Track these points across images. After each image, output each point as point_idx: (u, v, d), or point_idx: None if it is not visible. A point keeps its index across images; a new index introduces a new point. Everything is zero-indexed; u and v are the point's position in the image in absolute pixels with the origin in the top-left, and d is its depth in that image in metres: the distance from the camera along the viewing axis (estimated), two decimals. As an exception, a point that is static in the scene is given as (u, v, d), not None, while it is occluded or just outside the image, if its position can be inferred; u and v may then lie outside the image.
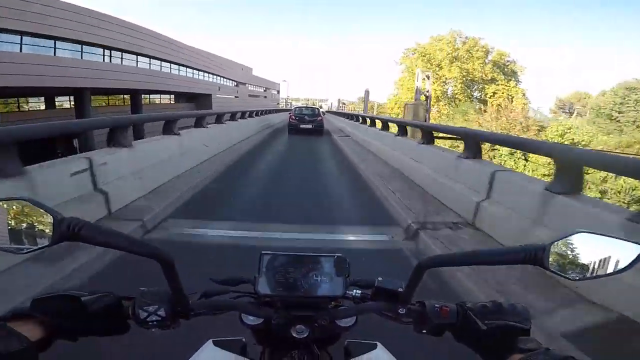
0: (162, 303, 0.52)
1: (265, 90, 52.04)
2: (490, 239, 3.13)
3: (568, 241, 0.47)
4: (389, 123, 9.06)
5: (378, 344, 0.67)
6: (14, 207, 0.44)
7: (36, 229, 0.45)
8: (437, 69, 33.12)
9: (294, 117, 14.38)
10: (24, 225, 0.45)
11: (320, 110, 16.56)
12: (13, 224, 0.44)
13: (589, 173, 12.07)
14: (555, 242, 0.46)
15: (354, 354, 0.66)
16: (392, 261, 2.86)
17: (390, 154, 7.17)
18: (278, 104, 59.33)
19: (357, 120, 13.76)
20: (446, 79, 34.61)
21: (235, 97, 36.38)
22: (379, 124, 10.15)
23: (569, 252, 0.47)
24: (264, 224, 3.55)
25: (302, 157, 8.94)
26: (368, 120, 11.51)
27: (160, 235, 3.16)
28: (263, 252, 0.59)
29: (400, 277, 0.61)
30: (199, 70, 28.73)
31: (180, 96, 27.38)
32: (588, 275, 0.47)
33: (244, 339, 0.67)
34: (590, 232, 0.46)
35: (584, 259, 0.47)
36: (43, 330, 0.45)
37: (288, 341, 0.59)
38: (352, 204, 4.66)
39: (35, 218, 0.45)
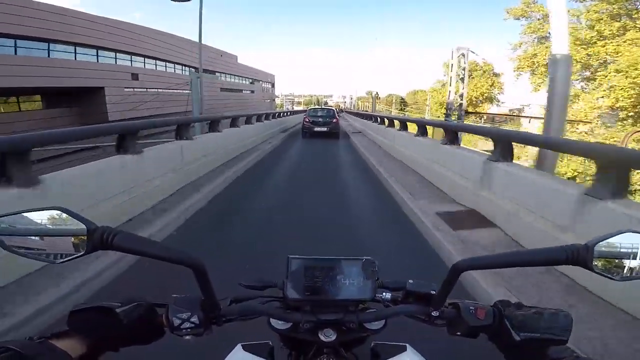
0: (194, 310, 0.52)
1: (251, 83, 40.75)
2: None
3: (613, 241, 0.45)
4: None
5: (407, 345, 0.66)
6: (49, 216, 0.44)
7: (70, 239, 0.44)
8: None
9: (308, 120, 13.87)
10: (58, 234, 0.44)
11: (336, 112, 15.78)
12: (47, 233, 0.44)
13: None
14: (600, 242, 0.45)
15: (382, 356, 0.65)
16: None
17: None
18: (273, 100, 50.10)
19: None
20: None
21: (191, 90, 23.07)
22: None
23: (613, 252, 0.45)
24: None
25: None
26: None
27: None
28: (290, 256, 0.59)
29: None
30: (112, 50, 18.55)
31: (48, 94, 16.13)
32: (634, 274, 0.45)
33: (270, 342, 0.67)
34: (637, 232, 0.45)
35: (629, 258, 0.45)
36: (84, 345, 0.45)
37: (315, 344, 0.58)
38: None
39: (69, 228, 0.44)
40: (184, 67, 26.98)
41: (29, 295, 1.97)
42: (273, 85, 52.78)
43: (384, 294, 0.61)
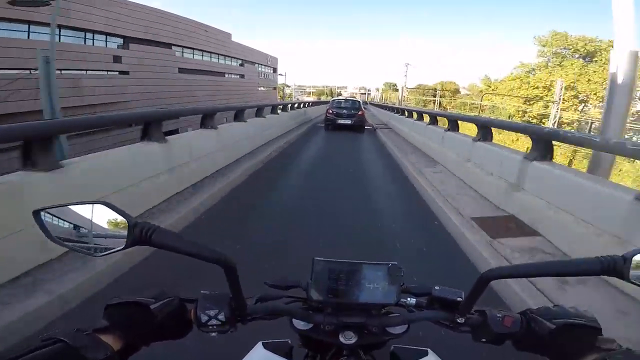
0: (222, 307, 0.53)
1: (241, 65, 31.28)
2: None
3: (652, 253, 0.44)
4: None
5: (429, 350, 0.66)
6: (92, 210, 0.46)
7: (111, 233, 0.46)
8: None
9: (331, 111, 13.14)
10: (100, 228, 0.46)
11: (361, 103, 14.67)
12: (90, 226, 0.46)
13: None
14: (638, 253, 0.44)
15: None
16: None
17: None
18: (281, 90, 43.52)
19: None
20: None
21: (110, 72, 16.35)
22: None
23: (652, 264, 0.44)
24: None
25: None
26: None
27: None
28: (316, 258, 0.59)
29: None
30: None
31: None
32: (673, 288, 0.44)
33: (289, 341, 0.67)
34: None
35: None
36: (122, 340, 0.47)
37: (335, 346, 0.59)
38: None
39: (111, 221, 0.46)
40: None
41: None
42: (275, 71, 41.48)
43: (408, 299, 0.61)
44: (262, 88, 37.47)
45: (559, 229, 2.96)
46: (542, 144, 3.60)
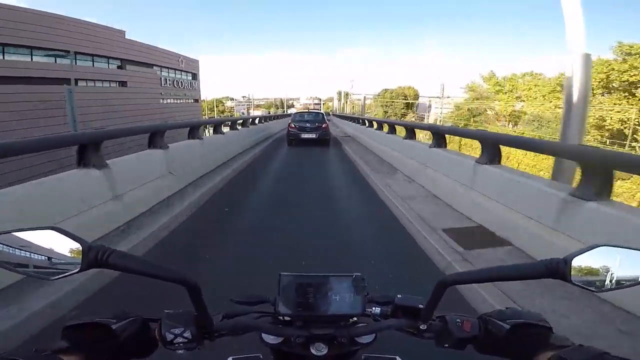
0: (187, 325, 0.53)
1: (119, 68, 22.19)
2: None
3: (588, 255, 0.47)
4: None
5: (398, 358, 0.67)
6: (43, 236, 0.45)
7: (65, 257, 0.45)
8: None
9: (293, 126, 12.39)
10: (53, 253, 0.45)
11: (325, 116, 14.06)
12: (42, 252, 0.45)
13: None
14: (576, 256, 0.47)
15: None
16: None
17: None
18: (221, 104, 39.79)
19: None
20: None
21: None
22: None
23: (590, 265, 0.47)
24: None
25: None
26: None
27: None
28: (282, 273, 0.60)
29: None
30: None
31: None
32: (610, 286, 0.47)
33: (261, 356, 0.67)
34: (610, 245, 0.47)
35: (605, 271, 0.48)
36: None
37: (306, 358, 0.59)
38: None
39: (63, 246, 0.45)
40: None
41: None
42: (195, 77, 31.59)
43: (373, 308, 0.63)
44: (169, 100, 27.69)
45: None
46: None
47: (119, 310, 0.53)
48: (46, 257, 0.45)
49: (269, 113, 39.41)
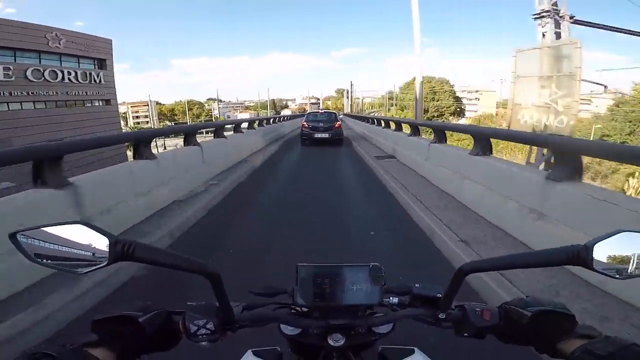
0: (210, 316, 0.54)
1: None
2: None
3: (611, 240, 0.46)
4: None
5: (415, 349, 0.67)
6: (71, 230, 0.46)
7: (93, 250, 0.46)
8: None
9: (306, 125, 12.35)
10: (81, 246, 0.46)
11: (338, 115, 13.85)
12: (71, 246, 0.46)
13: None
14: (598, 242, 0.46)
15: (390, 359, 0.66)
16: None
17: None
18: (200, 107, 35.61)
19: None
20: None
21: None
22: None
23: (612, 251, 0.47)
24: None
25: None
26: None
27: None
28: (299, 264, 0.60)
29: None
30: None
31: None
32: (634, 273, 0.47)
33: (279, 348, 0.68)
34: (634, 231, 0.46)
35: (628, 257, 0.47)
36: (111, 354, 0.47)
37: (324, 349, 0.60)
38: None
39: (91, 240, 0.46)
40: None
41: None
42: (102, 66, 21.42)
43: (391, 298, 0.63)
44: (27, 104, 17.53)
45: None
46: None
47: (143, 303, 0.55)
48: (74, 251, 0.46)
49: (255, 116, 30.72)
